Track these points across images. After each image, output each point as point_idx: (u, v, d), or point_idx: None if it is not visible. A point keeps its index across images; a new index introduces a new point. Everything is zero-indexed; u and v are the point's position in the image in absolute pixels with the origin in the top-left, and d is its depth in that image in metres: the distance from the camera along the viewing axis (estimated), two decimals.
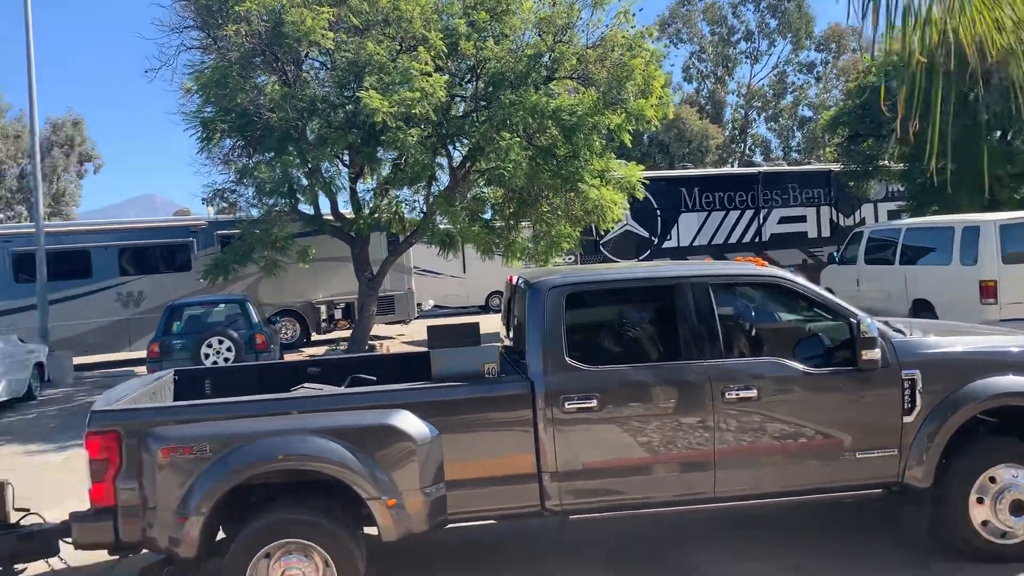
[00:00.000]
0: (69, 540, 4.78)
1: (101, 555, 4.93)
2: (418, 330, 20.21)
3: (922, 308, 11.98)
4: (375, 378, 5.61)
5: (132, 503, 4.32)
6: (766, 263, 5.64)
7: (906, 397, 4.74)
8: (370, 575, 4.60)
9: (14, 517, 5.15)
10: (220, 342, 12.00)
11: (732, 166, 43.57)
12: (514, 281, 5.55)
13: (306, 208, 15.34)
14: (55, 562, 5.17)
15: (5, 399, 12.36)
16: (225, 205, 15.43)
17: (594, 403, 4.58)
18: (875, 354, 4.65)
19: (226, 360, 11.71)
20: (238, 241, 15.13)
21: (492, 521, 4.97)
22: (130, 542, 4.41)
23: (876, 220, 20.86)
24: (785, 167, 29.11)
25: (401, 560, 5.31)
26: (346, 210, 15.66)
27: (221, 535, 4.81)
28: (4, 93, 42.28)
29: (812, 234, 21.29)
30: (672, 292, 4.87)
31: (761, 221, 20.94)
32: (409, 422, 4.42)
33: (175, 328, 12.43)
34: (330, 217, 15.46)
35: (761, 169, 23.28)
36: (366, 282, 15.37)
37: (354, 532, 4.51)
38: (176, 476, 4.27)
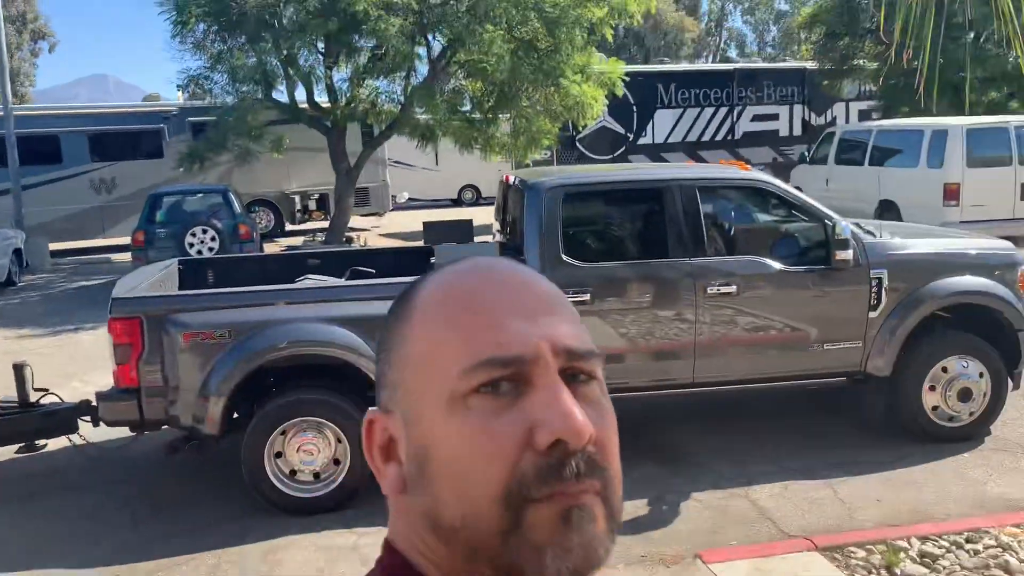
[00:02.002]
0: (87, 419, 5.11)
1: (118, 432, 5.27)
2: (393, 222, 20.34)
3: (887, 209, 12.42)
4: (374, 271, 5.88)
5: (156, 384, 4.62)
6: (749, 167, 5.91)
7: (873, 294, 5.15)
8: None
9: (34, 396, 5.44)
10: (204, 231, 12.07)
11: (706, 60, 43.16)
12: (510, 180, 5.77)
13: (281, 96, 15.16)
14: (75, 438, 5.49)
15: None
16: (199, 91, 15.12)
17: (587, 297, 4.92)
18: (847, 255, 5.02)
19: (210, 250, 11.81)
20: (212, 129, 14.95)
21: None
22: (153, 419, 4.74)
23: (847, 120, 21.08)
24: (760, 64, 28.93)
25: None
26: (322, 99, 15.48)
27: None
28: None
29: (784, 132, 21.41)
30: (662, 194, 5.15)
31: (735, 119, 21.01)
32: None
33: (158, 217, 12.44)
34: (306, 106, 15.29)
35: (737, 66, 23.19)
36: (344, 174, 15.37)
37: (363, 410, 4.87)
38: (197, 359, 4.58)
